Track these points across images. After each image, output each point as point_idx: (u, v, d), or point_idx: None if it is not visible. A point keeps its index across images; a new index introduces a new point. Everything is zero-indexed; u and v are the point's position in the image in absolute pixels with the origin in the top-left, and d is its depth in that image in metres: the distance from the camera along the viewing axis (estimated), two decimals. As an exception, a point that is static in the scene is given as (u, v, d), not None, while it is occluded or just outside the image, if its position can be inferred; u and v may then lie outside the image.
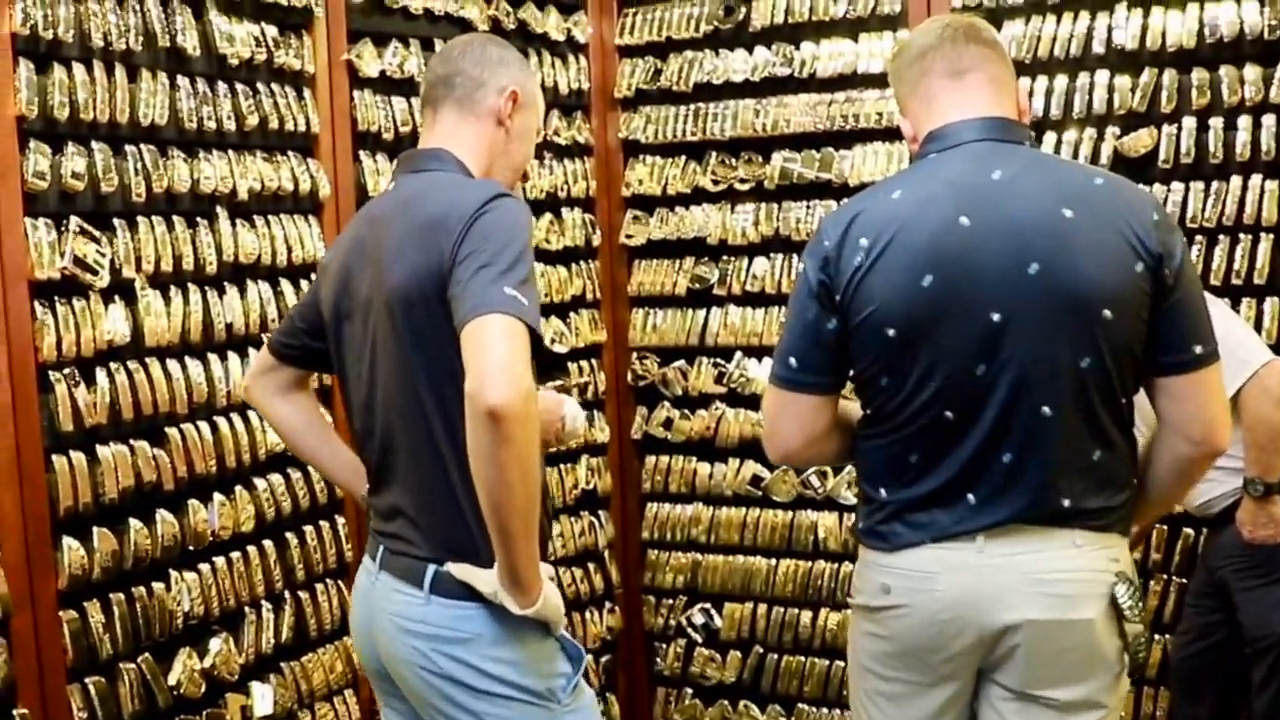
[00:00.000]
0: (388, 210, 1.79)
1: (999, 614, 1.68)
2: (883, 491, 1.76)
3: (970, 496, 1.69)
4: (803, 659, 3.27)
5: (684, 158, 3.35)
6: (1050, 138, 2.88)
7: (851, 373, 1.78)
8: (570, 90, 3.33)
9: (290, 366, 1.98)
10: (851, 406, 1.85)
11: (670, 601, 3.45)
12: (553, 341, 3.27)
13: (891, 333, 1.68)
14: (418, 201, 1.73)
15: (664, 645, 3.48)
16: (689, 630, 3.42)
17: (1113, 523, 1.72)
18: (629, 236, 3.43)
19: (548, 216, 3.26)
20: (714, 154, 3.30)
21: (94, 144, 2.15)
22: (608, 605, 3.44)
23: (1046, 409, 1.65)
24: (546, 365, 3.27)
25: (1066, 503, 1.68)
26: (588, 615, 3.38)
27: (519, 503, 1.55)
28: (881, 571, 1.76)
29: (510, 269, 1.58)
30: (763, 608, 3.30)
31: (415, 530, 1.75)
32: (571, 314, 3.34)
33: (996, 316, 1.64)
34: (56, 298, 2.07)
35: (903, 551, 1.73)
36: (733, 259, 3.29)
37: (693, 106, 3.31)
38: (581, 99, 3.38)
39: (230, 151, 2.43)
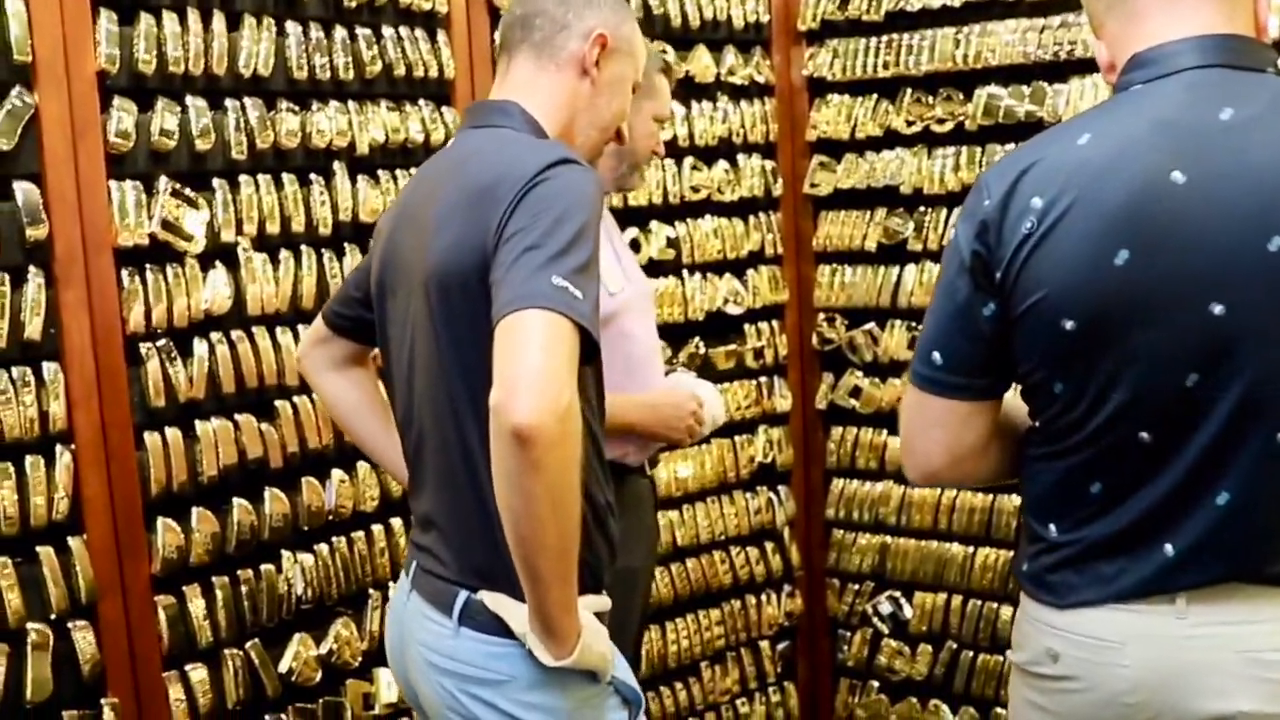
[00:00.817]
0: (441, 171, 1.55)
1: (1204, 701, 1.30)
2: (1052, 528, 1.39)
3: (1168, 546, 1.31)
4: (1000, 658, 2.92)
5: (875, 96, 3.01)
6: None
7: (1018, 372, 1.40)
8: (747, 23, 3.02)
9: (344, 339, 1.80)
10: (1019, 409, 1.48)
11: (856, 587, 3.18)
12: (727, 302, 3.03)
13: (1069, 325, 1.30)
14: (472, 163, 1.48)
15: (848, 633, 3.21)
16: (875, 620, 3.14)
17: None
18: (814, 185, 3.12)
19: (722, 164, 3.00)
20: (909, 91, 2.95)
21: (188, 99, 2.00)
22: (786, 588, 3.19)
23: None
24: (722, 329, 3.03)
25: (1304, 558, 1.28)
26: (764, 598, 3.14)
27: (549, 540, 1.29)
28: (1048, 633, 1.39)
29: (563, 253, 1.30)
30: (957, 599, 2.98)
31: (445, 547, 1.53)
32: (749, 271, 3.07)
33: (1219, 309, 1.25)
34: (147, 265, 1.95)
35: (1076, 610, 1.36)
36: (930, 209, 2.94)
37: (885, 38, 2.97)
38: (760, 33, 3.07)
39: (350, 102, 2.25)
